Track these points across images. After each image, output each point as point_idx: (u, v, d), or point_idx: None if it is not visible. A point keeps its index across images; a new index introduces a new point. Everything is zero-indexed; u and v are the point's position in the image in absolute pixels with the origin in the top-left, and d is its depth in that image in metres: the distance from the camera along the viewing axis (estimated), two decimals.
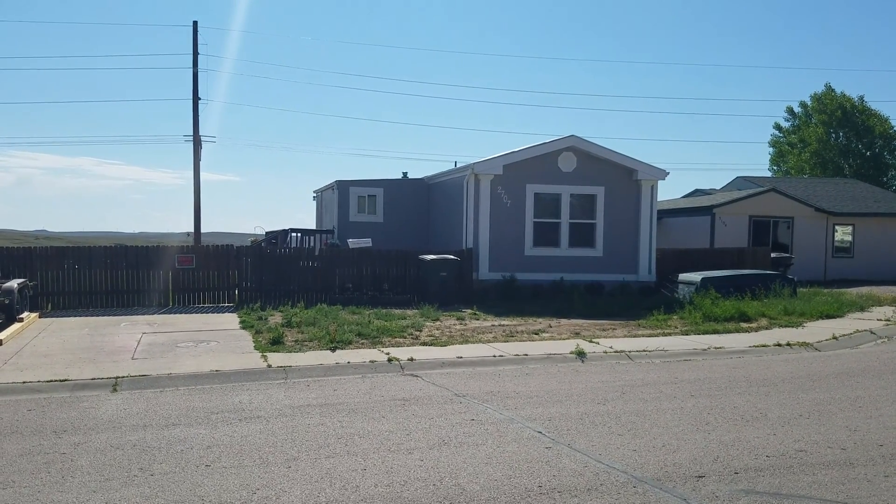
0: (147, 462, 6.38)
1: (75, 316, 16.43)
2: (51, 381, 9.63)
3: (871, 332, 14.64)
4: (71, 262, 17.89)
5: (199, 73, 31.32)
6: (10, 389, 9.27)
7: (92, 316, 16.46)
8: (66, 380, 9.68)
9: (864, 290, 22.83)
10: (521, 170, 20.52)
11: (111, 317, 16.29)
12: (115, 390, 9.37)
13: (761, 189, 30.72)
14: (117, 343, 12.70)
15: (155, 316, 16.51)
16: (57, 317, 16.25)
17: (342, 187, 25.66)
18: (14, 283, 14.75)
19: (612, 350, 12.32)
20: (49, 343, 12.70)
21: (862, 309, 18.09)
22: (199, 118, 31.30)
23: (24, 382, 9.53)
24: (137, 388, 9.51)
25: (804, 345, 13.19)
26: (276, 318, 15.45)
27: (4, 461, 6.42)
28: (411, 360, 11.14)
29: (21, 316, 14.69)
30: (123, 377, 9.86)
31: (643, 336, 13.89)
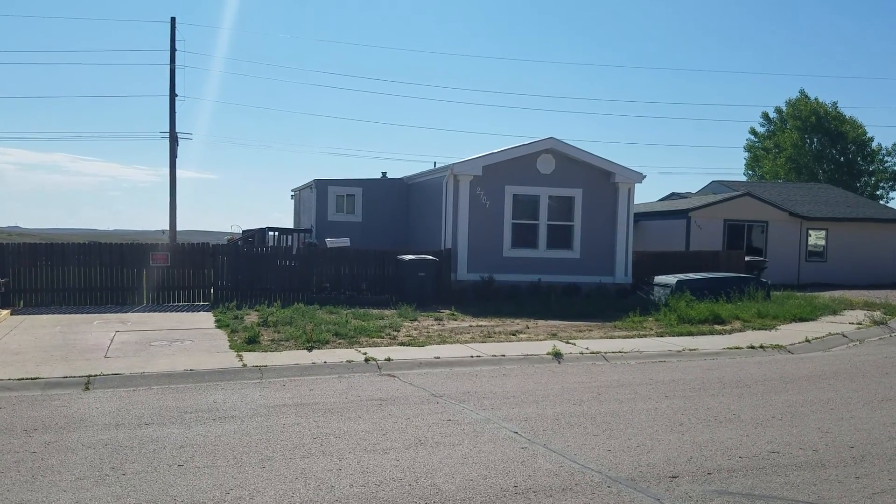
0: (119, 461, 6.30)
1: (48, 313, 16.20)
2: (22, 379, 9.48)
3: (844, 336, 14.84)
4: (44, 259, 17.65)
5: (177, 70, 31.10)
6: None
7: (65, 313, 16.23)
8: (37, 378, 9.54)
9: (837, 293, 23.15)
10: (500, 171, 20.56)
11: (84, 314, 16.08)
12: (87, 389, 9.25)
13: (736, 193, 31.03)
14: (90, 341, 12.54)
15: (129, 314, 16.32)
16: (29, 314, 16.01)
17: (321, 186, 25.54)
18: None
19: (588, 351, 12.38)
20: (21, 340, 12.51)
21: (834, 312, 18.33)
22: (176, 115, 31.06)
23: None
24: (110, 386, 9.39)
25: (777, 347, 13.34)
26: (252, 318, 15.34)
27: None
28: (388, 360, 11.11)
29: None
30: (96, 376, 9.73)
31: (619, 337, 13.97)
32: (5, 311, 15.54)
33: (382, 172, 27.18)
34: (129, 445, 6.79)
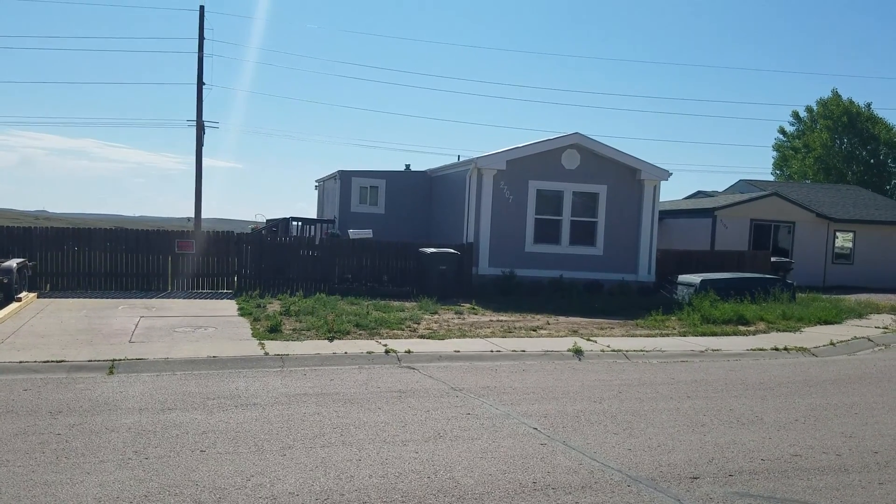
0: (142, 445, 6.38)
1: (73, 297, 16.42)
2: (47, 361, 9.62)
3: (869, 340, 14.63)
4: (71, 244, 17.88)
5: (205, 59, 31.27)
6: (7, 369, 9.26)
7: (90, 298, 16.45)
8: (62, 361, 9.68)
9: (864, 297, 22.81)
10: (524, 166, 20.50)
11: (109, 299, 16.28)
12: (111, 373, 9.36)
13: (763, 193, 30.68)
14: (115, 326, 12.69)
15: (153, 300, 16.49)
16: (55, 297, 16.24)
17: (344, 177, 25.63)
18: (13, 263, 14.74)
19: (609, 349, 12.32)
20: (47, 324, 12.69)
21: (860, 316, 18.07)
22: (204, 104, 31.25)
23: (20, 362, 9.52)
24: (134, 371, 9.50)
25: (801, 350, 13.19)
26: (274, 307, 15.43)
27: None
28: (409, 352, 11.13)
29: (19, 296, 14.69)
30: (120, 360, 9.85)
31: (641, 336, 13.88)
32: (32, 295, 15.77)
33: (406, 165, 27.29)
34: (153, 430, 6.87)
